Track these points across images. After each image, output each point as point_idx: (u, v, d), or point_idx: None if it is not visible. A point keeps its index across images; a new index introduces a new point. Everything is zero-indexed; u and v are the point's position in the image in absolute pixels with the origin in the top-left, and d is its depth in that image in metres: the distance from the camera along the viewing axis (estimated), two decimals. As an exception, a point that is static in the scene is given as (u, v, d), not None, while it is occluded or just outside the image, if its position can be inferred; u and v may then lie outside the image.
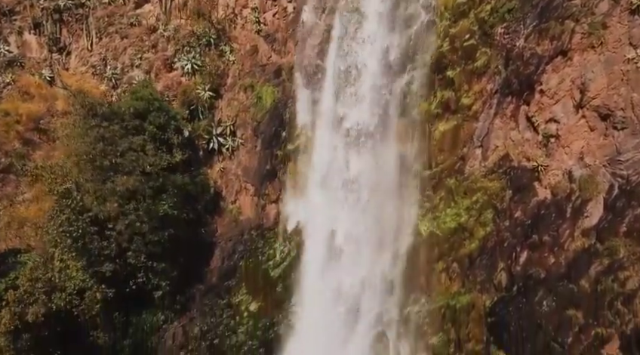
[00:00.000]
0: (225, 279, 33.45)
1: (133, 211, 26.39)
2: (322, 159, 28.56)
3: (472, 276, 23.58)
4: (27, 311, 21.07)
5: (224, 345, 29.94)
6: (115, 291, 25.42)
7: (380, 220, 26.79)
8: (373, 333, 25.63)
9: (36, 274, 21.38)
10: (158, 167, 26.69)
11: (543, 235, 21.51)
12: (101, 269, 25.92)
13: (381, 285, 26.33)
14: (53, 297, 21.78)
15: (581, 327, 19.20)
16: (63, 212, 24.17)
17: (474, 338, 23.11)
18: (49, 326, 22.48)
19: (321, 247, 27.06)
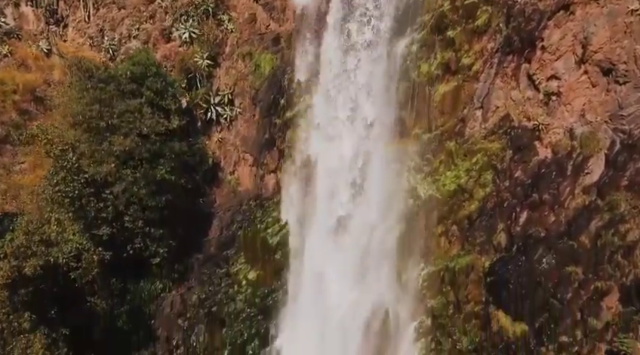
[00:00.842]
0: (223, 248, 33.45)
1: (130, 174, 26.19)
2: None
3: (471, 238, 23.43)
4: (24, 265, 20.97)
5: (222, 313, 29.89)
6: (112, 255, 25.23)
7: (379, 185, 26.82)
8: (371, 298, 25.74)
9: (32, 227, 21.20)
10: (155, 130, 26.46)
11: (543, 193, 21.34)
12: (98, 232, 25.80)
13: (380, 250, 26.39)
14: (50, 250, 21.65)
15: (580, 282, 19.08)
16: (59, 173, 23.96)
17: (473, 300, 23.02)
18: (46, 284, 22.36)
19: (320, 212, 27.04)
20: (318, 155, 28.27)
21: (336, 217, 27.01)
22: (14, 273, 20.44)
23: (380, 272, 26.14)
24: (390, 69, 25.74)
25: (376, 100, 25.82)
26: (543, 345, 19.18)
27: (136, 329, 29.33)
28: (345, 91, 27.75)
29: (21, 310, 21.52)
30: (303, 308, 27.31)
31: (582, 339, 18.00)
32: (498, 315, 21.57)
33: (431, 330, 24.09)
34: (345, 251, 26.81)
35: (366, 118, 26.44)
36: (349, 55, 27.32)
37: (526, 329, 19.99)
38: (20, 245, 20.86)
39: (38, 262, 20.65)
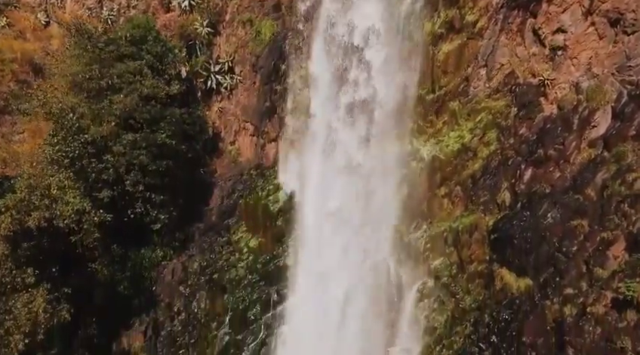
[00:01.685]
0: (224, 217, 33.28)
1: (131, 137, 25.90)
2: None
3: (474, 198, 23.20)
4: (27, 218, 20.78)
5: (223, 280, 29.79)
6: (113, 220, 25.04)
7: (381, 148, 26.54)
8: (373, 261, 25.59)
9: (34, 182, 20.97)
10: (155, 94, 26.15)
11: (548, 149, 21.07)
12: (99, 195, 25.63)
13: (382, 213, 26.22)
14: (54, 205, 21.44)
15: (586, 235, 18.85)
16: (59, 134, 23.72)
17: (476, 260, 22.84)
18: (49, 241, 22.14)
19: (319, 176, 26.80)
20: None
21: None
22: (16, 226, 20.26)
23: (382, 235, 26.26)
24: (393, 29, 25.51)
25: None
26: (548, 298, 18.99)
27: (137, 295, 29.24)
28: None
29: (24, 266, 21.40)
30: (305, 274, 27.38)
31: (587, 290, 17.79)
32: (502, 272, 21.41)
33: (434, 291, 23.95)
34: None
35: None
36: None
37: (530, 284, 19.83)
38: (22, 199, 20.66)
39: (43, 214, 20.48)
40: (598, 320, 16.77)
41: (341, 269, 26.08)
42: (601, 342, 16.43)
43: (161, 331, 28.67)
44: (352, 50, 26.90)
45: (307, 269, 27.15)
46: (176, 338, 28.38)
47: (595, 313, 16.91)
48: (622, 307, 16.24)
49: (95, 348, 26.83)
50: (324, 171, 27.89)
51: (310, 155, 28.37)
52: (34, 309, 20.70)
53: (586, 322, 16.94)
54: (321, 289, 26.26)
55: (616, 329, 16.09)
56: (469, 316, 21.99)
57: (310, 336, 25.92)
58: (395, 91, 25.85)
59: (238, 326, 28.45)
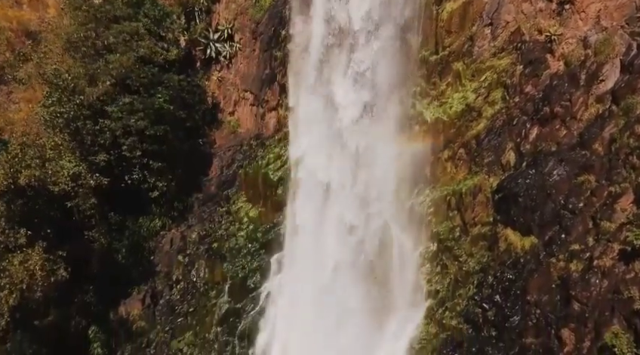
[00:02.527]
0: (224, 187, 32.85)
1: (128, 99, 25.36)
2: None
3: (478, 159, 22.70)
4: (19, 176, 20.34)
5: (223, 249, 29.46)
6: (110, 183, 24.66)
7: (382, 113, 26.06)
8: (376, 225, 25.20)
9: (28, 140, 20.56)
10: (152, 57, 25.59)
11: (554, 106, 20.53)
12: (95, 159, 25.17)
13: (384, 178, 25.78)
14: (47, 165, 20.99)
15: (593, 190, 18.40)
16: (53, 95, 23.22)
17: (480, 222, 22.35)
18: (43, 203, 21.75)
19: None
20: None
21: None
22: (9, 180, 19.82)
23: (384, 200, 25.86)
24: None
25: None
26: (553, 256, 18.59)
27: (135, 265, 28.90)
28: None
29: (17, 226, 21.03)
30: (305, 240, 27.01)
31: (593, 244, 17.46)
32: (506, 233, 20.95)
33: (436, 255, 23.56)
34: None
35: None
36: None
37: (535, 242, 19.39)
38: (15, 155, 20.21)
39: (33, 173, 20.04)
40: (604, 273, 16.39)
41: (341, 234, 25.95)
42: (607, 294, 16.04)
43: (160, 300, 28.38)
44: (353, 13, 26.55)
45: (306, 235, 26.98)
46: (175, 306, 28.08)
47: (602, 266, 16.51)
48: (629, 258, 15.83)
49: (92, 316, 26.63)
50: (326, 137, 27.74)
51: (313, 124, 28.14)
52: (30, 267, 20.36)
53: (593, 275, 16.55)
54: (320, 255, 26.11)
55: (624, 280, 15.70)
56: (472, 279, 21.60)
57: (309, 304, 25.71)
58: (397, 54, 25.50)
59: (238, 295, 28.14)
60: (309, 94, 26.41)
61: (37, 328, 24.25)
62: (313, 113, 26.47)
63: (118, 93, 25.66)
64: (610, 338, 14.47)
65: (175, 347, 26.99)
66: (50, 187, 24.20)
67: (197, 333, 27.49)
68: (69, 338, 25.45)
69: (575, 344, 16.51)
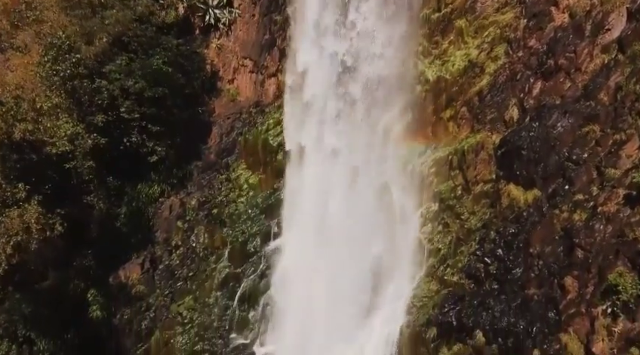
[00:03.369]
0: (223, 155, 32.59)
1: (125, 61, 25.08)
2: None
3: (481, 116, 22.35)
4: (14, 129, 20.14)
5: (223, 214, 29.28)
6: (108, 145, 24.41)
7: (382, 74, 25.74)
8: (375, 186, 25.00)
9: (22, 94, 20.27)
10: (149, 17, 25.21)
11: (559, 59, 20.12)
12: (93, 119, 24.93)
13: (384, 140, 25.53)
14: (41, 119, 20.78)
15: (598, 140, 18.05)
16: (49, 53, 22.94)
17: (482, 180, 22.03)
18: (39, 159, 21.51)
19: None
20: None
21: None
22: (3, 136, 19.61)
23: (385, 162, 25.63)
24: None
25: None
26: (557, 208, 18.32)
27: (134, 230, 28.76)
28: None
29: (14, 181, 20.83)
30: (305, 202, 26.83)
31: (598, 193, 17.24)
32: (509, 189, 20.63)
33: (438, 214, 23.37)
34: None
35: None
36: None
37: (538, 195, 19.11)
38: (9, 109, 19.97)
39: (27, 127, 19.81)
40: (609, 218, 16.13)
41: (341, 197, 25.76)
42: (611, 239, 15.81)
43: (159, 265, 28.26)
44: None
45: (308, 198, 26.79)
46: (175, 271, 27.95)
47: (607, 212, 16.25)
48: (634, 202, 15.57)
49: (91, 279, 26.52)
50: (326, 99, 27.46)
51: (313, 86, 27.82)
52: (26, 219, 20.16)
53: (597, 221, 16.30)
54: (319, 216, 25.93)
55: (629, 223, 15.42)
56: (474, 236, 21.32)
57: (308, 266, 25.58)
58: (398, 12, 25.13)
59: (238, 259, 27.99)
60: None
61: (36, 289, 24.18)
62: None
63: (115, 52, 25.37)
64: (615, 278, 14.24)
65: (175, 311, 26.88)
66: (48, 148, 24.09)
67: (197, 298, 27.38)
68: (67, 301, 25.39)
69: (578, 291, 16.28)
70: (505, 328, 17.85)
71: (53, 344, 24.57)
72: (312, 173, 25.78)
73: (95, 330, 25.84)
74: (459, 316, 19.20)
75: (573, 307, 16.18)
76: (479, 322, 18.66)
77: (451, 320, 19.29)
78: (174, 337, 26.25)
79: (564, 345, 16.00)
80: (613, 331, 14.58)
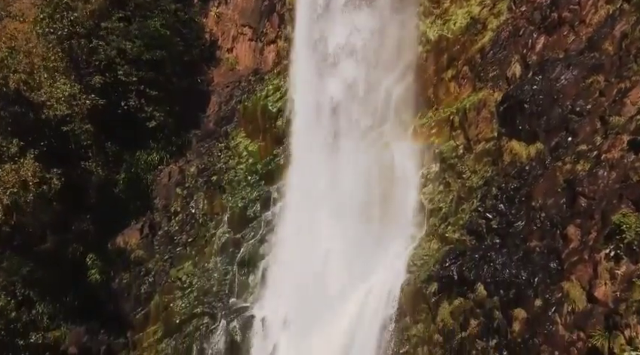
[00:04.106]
0: (222, 124, 32.28)
1: (122, 22, 24.75)
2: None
3: (483, 73, 22.16)
4: (8, 80, 19.87)
5: (222, 181, 29.05)
6: (106, 108, 24.13)
7: (382, 35, 25.43)
8: (376, 145, 24.78)
9: (17, 45, 19.97)
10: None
11: (562, 11, 19.79)
12: (90, 81, 24.66)
13: (384, 103, 25.30)
14: (36, 72, 20.51)
15: (602, 90, 17.79)
16: (45, 11, 22.62)
17: (484, 139, 21.80)
18: (34, 114, 21.23)
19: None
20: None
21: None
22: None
23: (386, 125, 25.41)
24: None
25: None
26: (559, 160, 18.12)
27: (133, 197, 28.51)
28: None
29: (9, 136, 20.60)
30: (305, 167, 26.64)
31: (601, 143, 17.04)
32: (511, 145, 20.30)
33: (439, 175, 23.22)
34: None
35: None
36: None
37: (541, 148, 18.84)
38: (2, 58, 19.70)
39: (20, 77, 19.53)
40: (613, 165, 15.90)
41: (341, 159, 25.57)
42: (615, 185, 15.67)
43: (158, 231, 28.04)
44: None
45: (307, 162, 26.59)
46: (174, 236, 27.73)
47: (611, 159, 16.03)
48: (639, 147, 15.50)
49: (90, 244, 26.34)
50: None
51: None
52: (22, 174, 19.93)
53: (600, 168, 16.15)
54: (318, 177, 25.75)
55: (633, 168, 15.25)
56: (475, 193, 21.21)
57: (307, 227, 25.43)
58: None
59: (237, 225, 27.81)
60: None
61: (34, 252, 24.03)
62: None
63: (113, 12, 24.93)
64: (618, 218, 14.06)
65: (174, 276, 26.75)
66: (46, 111, 23.86)
67: (196, 263, 27.23)
68: (66, 264, 25.22)
69: (581, 239, 16.08)
70: (506, 280, 17.69)
71: (52, 306, 24.51)
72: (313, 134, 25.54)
73: (94, 294, 25.68)
74: (460, 270, 19.06)
75: (576, 255, 16.02)
76: (480, 275, 18.53)
77: (452, 274, 19.16)
78: (174, 301, 26.10)
79: (566, 292, 15.84)
80: (616, 274, 14.45)
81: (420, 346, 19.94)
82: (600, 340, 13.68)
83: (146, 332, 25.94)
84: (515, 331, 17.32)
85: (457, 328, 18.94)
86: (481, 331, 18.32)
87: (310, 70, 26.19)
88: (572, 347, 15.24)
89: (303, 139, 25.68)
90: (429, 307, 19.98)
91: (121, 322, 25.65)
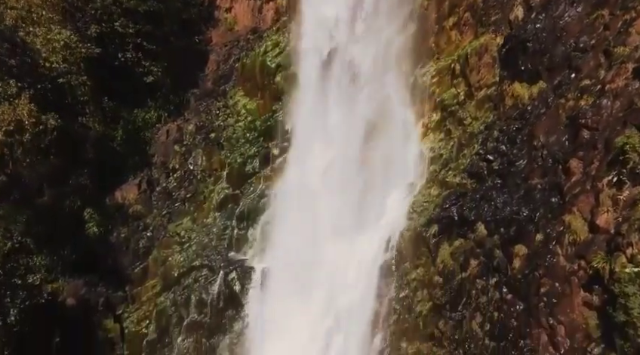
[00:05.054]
0: (221, 83, 31.80)
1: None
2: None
3: (485, 18, 21.76)
4: (5, 17, 19.49)
5: (221, 138, 28.67)
6: (102, 59, 23.79)
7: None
8: (377, 99, 24.51)
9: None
10: None
11: (565, -52, 19.74)
12: (86, 30, 24.35)
13: (385, 55, 24.96)
14: (34, 11, 20.14)
15: (606, 24, 17.19)
16: (40, -45, 22.33)
17: (485, 85, 21.52)
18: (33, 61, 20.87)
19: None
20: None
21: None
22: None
23: (387, 76, 25.10)
24: None
25: None
26: (562, 97, 17.83)
27: (131, 154, 28.21)
28: None
29: (6, 77, 20.29)
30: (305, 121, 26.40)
31: (605, 74, 16.77)
32: (513, 88, 20.02)
33: (440, 123, 22.94)
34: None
35: None
36: None
37: (544, 87, 18.53)
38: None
39: (19, 13, 19.21)
40: (617, 94, 15.53)
41: (341, 109, 25.30)
42: (619, 113, 15.43)
43: (156, 187, 27.83)
44: None
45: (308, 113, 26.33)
46: (172, 192, 27.48)
47: (615, 89, 15.68)
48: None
49: (87, 199, 26.15)
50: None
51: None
52: (18, 113, 19.69)
53: (604, 98, 15.86)
54: (321, 132, 25.52)
55: (638, 94, 14.96)
56: (476, 138, 21.07)
57: (311, 181, 25.25)
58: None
59: (236, 181, 27.63)
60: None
61: (32, 204, 23.86)
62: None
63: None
64: (622, 140, 13.78)
65: (172, 231, 26.58)
66: (41, 63, 23.57)
67: (195, 219, 27.00)
68: (64, 218, 25.08)
69: (583, 170, 15.83)
70: (507, 217, 17.49)
71: (50, 259, 24.41)
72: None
73: (92, 248, 25.49)
74: (460, 211, 18.87)
75: (578, 187, 15.76)
76: (481, 215, 18.33)
77: (452, 215, 18.97)
78: (172, 255, 26.06)
79: (567, 224, 15.66)
80: (619, 199, 14.21)
81: (420, 289, 19.84)
82: (601, 263, 13.53)
83: (144, 286, 25.89)
84: (515, 267, 17.18)
85: (457, 269, 18.85)
86: (481, 271, 18.22)
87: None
88: (573, 277, 15.09)
89: (305, 91, 25.46)
90: (429, 250, 19.81)
91: (119, 276, 25.56)
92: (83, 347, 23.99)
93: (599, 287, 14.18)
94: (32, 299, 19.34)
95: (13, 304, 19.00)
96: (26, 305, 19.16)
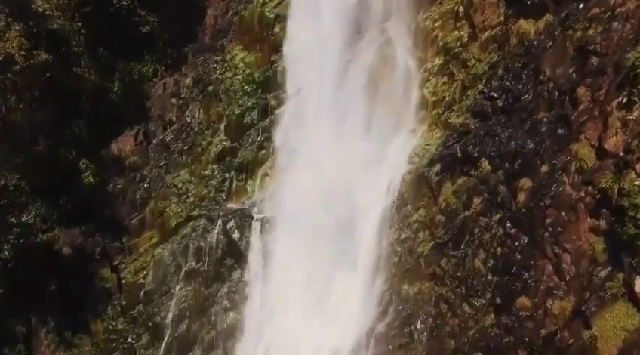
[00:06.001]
0: (218, 37, 31.16)
1: None
2: None
3: (490, -43, 21.42)
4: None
5: (219, 91, 28.10)
6: (96, 2, 23.18)
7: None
8: (378, 44, 23.99)
9: None
10: None
11: None
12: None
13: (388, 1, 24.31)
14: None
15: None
16: None
17: (489, 27, 20.82)
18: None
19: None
20: None
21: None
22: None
23: (388, 22, 24.47)
24: None
25: None
26: (570, 28, 17.27)
27: (127, 106, 27.73)
28: None
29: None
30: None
31: (615, 0, 16.24)
32: (518, 25, 19.50)
33: (443, 67, 22.39)
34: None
35: None
36: None
37: (550, 19, 18.02)
38: None
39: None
40: (627, 17, 14.73)
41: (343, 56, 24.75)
42: (630, 36, 14.77)
43: (153, 139, 27.44)
44: None
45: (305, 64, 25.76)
46: (170, 144, 27.00)
47: (626, 11, 14.89)
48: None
49: (83, 149, 25.72)
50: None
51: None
52: (7, 44, 19.14)
53: (614, 21, 15.22)
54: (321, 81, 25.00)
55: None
56: (480, 79, 20.60)
57: (307, 128, 24.81)
58: None
59: (234, 133, 27.18)
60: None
61: (27, 152, 23.46)
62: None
63: None
64: (633, 55, 13.30)
65: (170, 182, 26.18)
66: (33, 7, 22.98)
67: (192, 171, 26.55)
68: (59, 168, 24.72)
69: (591, 98, 15.48)
70: (512, 151, 17.06)
71: (46, 208, 24.12)
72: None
73: (89, 198, 25.22)
74: (464, 148, 18.44)
75: (585, 114, 15.34)
76: (484, 151, 17.90)
77: (455, 152, 18.55)
78: (169, 206, 25.76)
79: (574, 154, 15.29)
80: (628, 120, 13.80)
81: (422, 230, 19.48)
82: (609, 182, 13.17)
83: (142, 238, 25.65)
84: (519, 201, 16.81)
85: (460, 207, 18.43)
86: (485, 208, 17.80)
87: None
88: (579, 204, 14.76)
89: (302, 39, 24.89)
90: (431, 190, 19.40)
91: (116, 226, 25.21)
92: (79, 296, 23.81)
93: (607, 210, 13.89)
94: (26, 238, 19.04)
95: (7, 240, 18.71)
96: (20, 243, 18.89)
